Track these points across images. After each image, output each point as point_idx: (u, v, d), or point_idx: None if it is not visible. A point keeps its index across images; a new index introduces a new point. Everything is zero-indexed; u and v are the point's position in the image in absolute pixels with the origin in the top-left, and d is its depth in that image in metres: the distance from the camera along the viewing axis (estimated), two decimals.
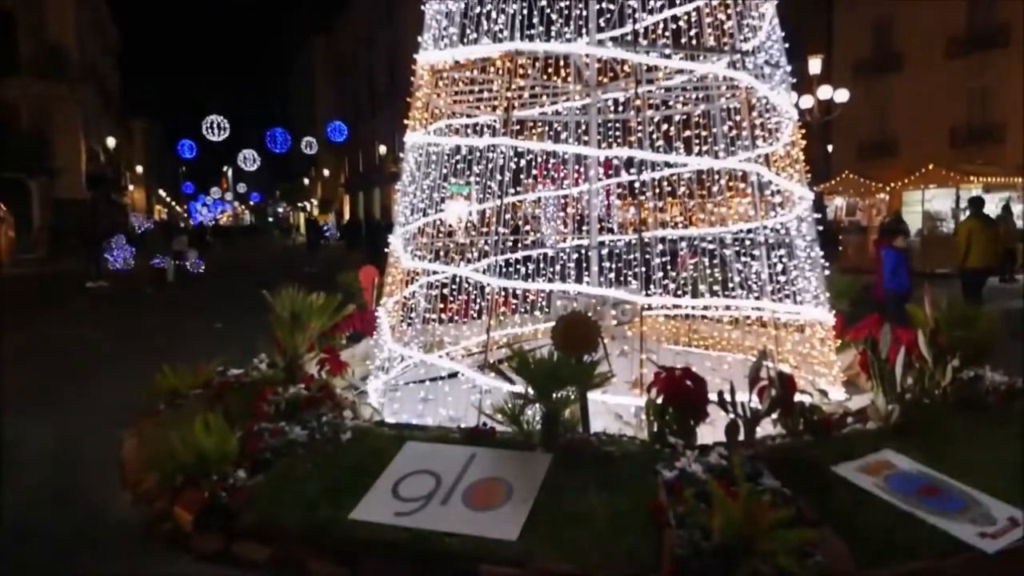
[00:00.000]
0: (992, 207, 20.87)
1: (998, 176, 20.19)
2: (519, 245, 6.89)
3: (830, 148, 29.75)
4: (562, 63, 6.29)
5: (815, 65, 18.04)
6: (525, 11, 5.02)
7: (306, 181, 65.06)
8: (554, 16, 5.23)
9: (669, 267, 5.56)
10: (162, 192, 78.69)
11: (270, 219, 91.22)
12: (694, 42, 5.42)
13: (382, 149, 39.89)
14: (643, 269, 4.79)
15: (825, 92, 18.48)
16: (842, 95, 18.68)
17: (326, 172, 56.42)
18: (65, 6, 32.12)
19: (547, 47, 5.08)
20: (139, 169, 57.90)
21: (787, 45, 5.41)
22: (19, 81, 30.37)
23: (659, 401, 3.67)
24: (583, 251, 6.29)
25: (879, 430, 3.98)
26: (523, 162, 6.22)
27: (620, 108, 6.86)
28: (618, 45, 5.39)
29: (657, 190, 6.36)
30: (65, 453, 4.99)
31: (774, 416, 3.81)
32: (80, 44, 33.66)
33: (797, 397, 3.89)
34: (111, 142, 38.27)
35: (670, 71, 5.72)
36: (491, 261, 5.17)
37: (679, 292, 5.76)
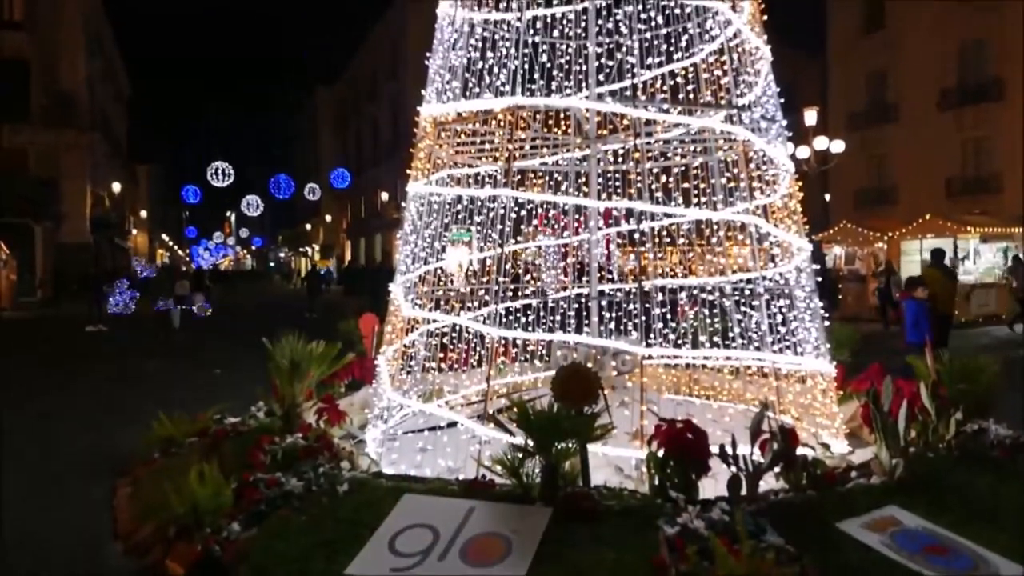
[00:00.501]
0: (990, 257, 21.02)
1: (996, 227, 20.36)
2: (519, 294, 6.91)
3: (827, 197, 30.10)
4: (562, 115, 6.41)
5: (811, 117, 18.38)
6: (526, 66, 5.14)
7: (308, 227, 65.58)
8: (555, 71, 5.36)
9: (669, 317, 5.56)
10: (165, 236, 79.25)
11: (271, 264, 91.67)
12: (691, 97, 5.54)
13: (384, 195, 40.32)
14: (643, 318, 4.79)
15: (821, 143, 18.78)
16: (838, 146, 18.98)
17: (328, 218, 56.93)
18: (78, 55, 32.91)
19: (548, 102, 5.19)
20: (143, 213, 58.43)
21: (783, 100, 5.52)
22: (29, 128, 30.96)
23: (660, 454, 3.63)
24: (583, 300, 6.31)
25: (883, 485, 3.92)
26: (523, 212, 6.29)
27: (619, 159, 6.96)
28: (617, 100, 5.51)
29: (657, 239, 6.41)
30: (56, 500, 4.92)
31: (777, 470, 3.76)
32: (90, 93, 34.39)
33: (800, 450, 3.85)
34: (116, 187, 38.74)
35: (668, 124, 5.83)
36: (491, 310, 5.18)
37: (679, 342, 5.75)
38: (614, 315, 5.96)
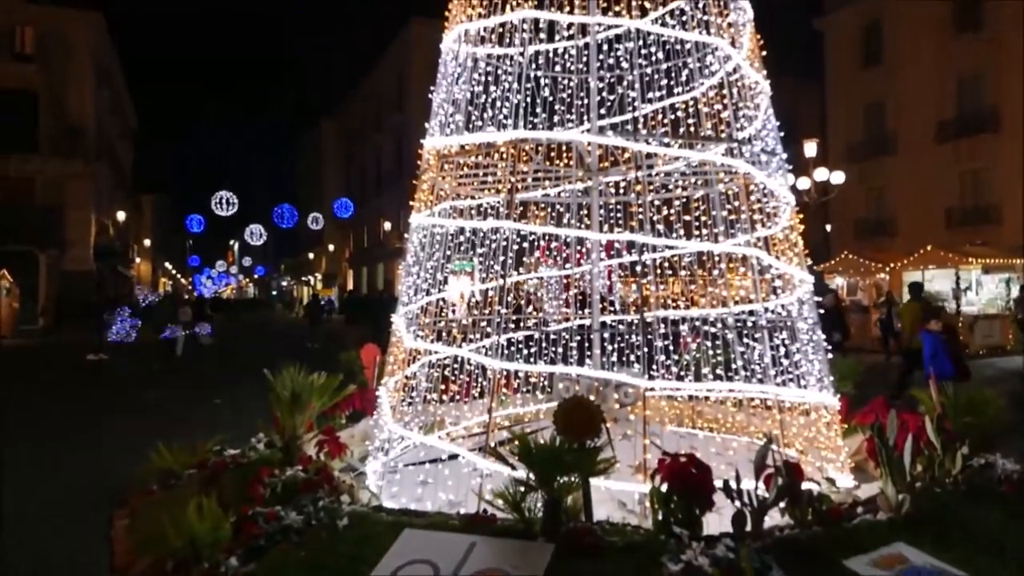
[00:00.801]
0: (992, 287, 21.02)
1: (997, 257, 20.40)
2: (521, 325, 6.90)
3: (828, 228, 30.22)
4: (564, 148, 6.47)
5: (810, 149, 18.56)
6: (529, 99, 5.21)
7: (311, 255, 65.85)
8: (557, 105, 5.42)
9: (671, 348, 5.55)
10: (168, 265, 79.56)
11: (273, 292, 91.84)
12: (692, 130, 5.60)
13: (387, 225, 40.55)
14: (646, 350, 4.78)
15: (821, 174, 18.92)
16: (838, 177, 19.13)
17: (331, 247, 57.18)
18: (86, 87, 33.43)
19: (550, 135, 5.25)
20: (147, 242, 58.77)
21: (782, 134, 5.57)
22: (37, 158, 31.35)
23: (663, 489, 3.59)
24: (585, 331, 6.30)
25: (890, 521, 3.87)
26: (525, 243, 6.32)
27: (621, 191, 7.01)
28: (618, 133, 5.56)
29: (658, 271, 6.42)
30: (54, 531, 4.87)
31: (782, 505, 3.71)
32: (98, 123, 34.84)
33: (805, 485, 3.80)
34: (121, 216, 39.04)
35: (669, 157, 5.88)
36: (493, 341, 5.17)
37: (682, 374, 5.72)
38: (616, 346, 5.94)
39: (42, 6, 32.13)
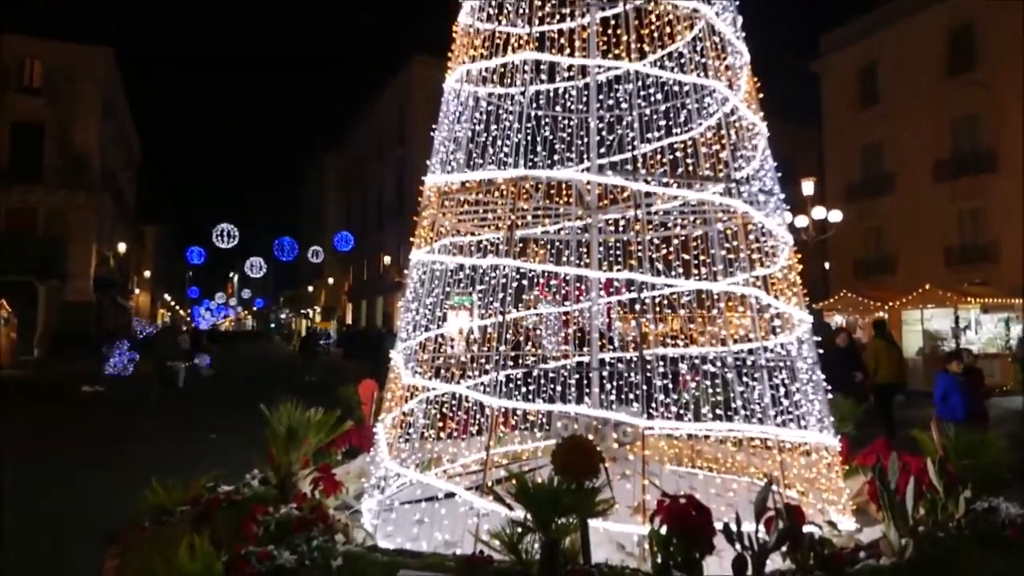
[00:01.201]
0: (991, 327, 21.00)
1: (996, 297, 20.43)
2: (520, 361, 6.88)
3: (827, 266, 30.32)
4: (564, 186, 6.53)
5: (808, 187, 18.72)
6: (529, 138, 5.27)
7: (310, 288, 65.92)
8: (557, 144, 5.49)
9: (671, 387, 5.52)
10: (167, 296, 79.56)
11: (272, 325, 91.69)
12: (691, 170, 5.65)
13: (387, 259, 40.67)
14: (645, 388, 4.75)
15: (819, 213, 19.06)
16: (836, 215, 19.26)
17: (331, 280, 57.27)
18: (92, 120, 33.84)
19: (550, 173, 5.30)
20: (147, 273, 58.85)
21: (780, 174, 5.63)
22: (41, 189, 31.58)
23: (663, 531, 3.54)
24: (584, 369, 6.28)
25: (893, 566, 3.81)
26: (525, 280, 6.33)
27: (620, 228, 7.05)
28: (617, 172, 5.62)
29: (657, 308, 6.42)
30: (44, 568, 4.78)
31: (783, 549, 3.66)
32: (102, 155, 35.19)
33: (806, 528, 3.75)
34: (122, 247, 39.18)
35: (668, 196, 5.93)
36: (491, 378, 5.14)
37: (681, 413, 5.69)
38: (615, 384, 5.92)
39: (52, 41, 32.68)
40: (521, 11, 5.52)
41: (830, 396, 5.60)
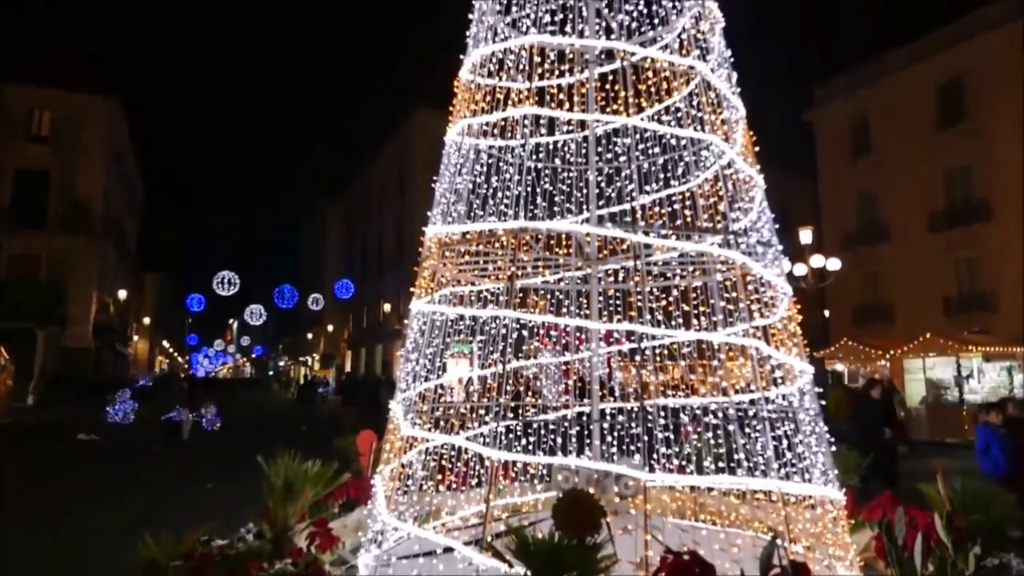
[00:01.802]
0: (994, 376, 20.90)
1: (997, 346, 20.40)
2: (520, 412, 6.83)
3: (827, 313, 30.33)
4: (564, 237, 6.59)
5: (806, 236, 18.87)
6: (529, 190, 5.34)
7: (309, 336, 65.78)
8: (556, 195, 5.56)
9: (672, 438, 5.47)
10: (166, 343, 79.32)
11: (270, 372, 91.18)
12: (689, 221, 5.71)
13: (387, 306, 40.70)
14: (646, 438, 4.70)
15: (817, 261, 19.17)
16: (834, 264, 19.36)
17: (330, 327, 57.20)
18: (96, 167, 34.33)
19: (550, 225, 5.35)
20: (146, 320, 58.81)
21: (777, 225, 5.69)
22: (44, 235, 31.81)
23: None
24: (584, 419, 6.22)
25: None
26: (525, 331, 6.33)
27: (620, 279, 7.08)
28: (617, 224, 5.68)
29: (658, 358, 6.40)
30: None
31: None
32: (106, 202, 35.56)
33: None
34: (122, 294, 39.27)
35: (667, 247, 5.97)
36: (491, 428, 5.09)
37: (683, 464, 5.61)
38: (616, 435, 5.86)
39: (61, 90, 33.36)
40: (521, 67, 5.66)
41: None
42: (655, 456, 5.00)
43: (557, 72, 5.89)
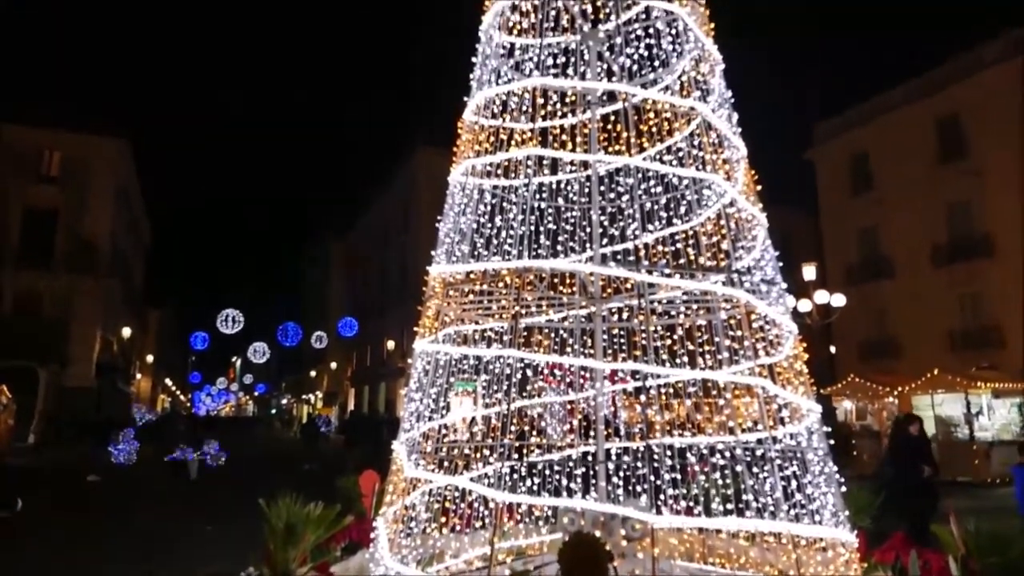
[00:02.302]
0: (1004, 412, 20.62)
1: (1005, 382, 20.20)
2: (525, 452, 6.76)
3: (832, 349, 30.16)
4: (567, 275, 6.60)
5: (809, 272, 18.87)
6: (533, 229, 5.37)
7: (312, 373, 65.54)
8: (560, 235, 5.58)
9: (679, 479, 5.39)
10: (168, 381, 79.06)
11: (273, 410, 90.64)
12: (692, 260, 5.73)
13: (390, 344, 40.60)
14: (653, 479, 4.63)
15: (822, 297, 19.12)
16: (839, 299, 19.30)
17: (333, 365, 56.99)
18: (104, 207, 34.65)
19: (554, 264, 5.37)
20: (149, 358, 58.72)
21: (781, 264, 5.69)
22: (48, 274, 31.98)
23: None
24: (590, 459, 6.15)
25: None
26: (529, 370, 6.30)
27: (624, 317, 7.07)
28: (620, 263, 5.69)
29: (663, 397, 6.35)
30: None
31: None
32: (113, 241, 35.82)
33: None
34: (126, 332, 39.27)
35: (670, 285, 5.97)
36: (496, 468, 5.03)
37: (691, 506, 5.52)
38: (622, 475, 5.78)
39: (71, 132, 33.90)
40: (524, 108, 5.74)
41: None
42: (662, 497, 4.92)
43: (560, 113, 5.97)
